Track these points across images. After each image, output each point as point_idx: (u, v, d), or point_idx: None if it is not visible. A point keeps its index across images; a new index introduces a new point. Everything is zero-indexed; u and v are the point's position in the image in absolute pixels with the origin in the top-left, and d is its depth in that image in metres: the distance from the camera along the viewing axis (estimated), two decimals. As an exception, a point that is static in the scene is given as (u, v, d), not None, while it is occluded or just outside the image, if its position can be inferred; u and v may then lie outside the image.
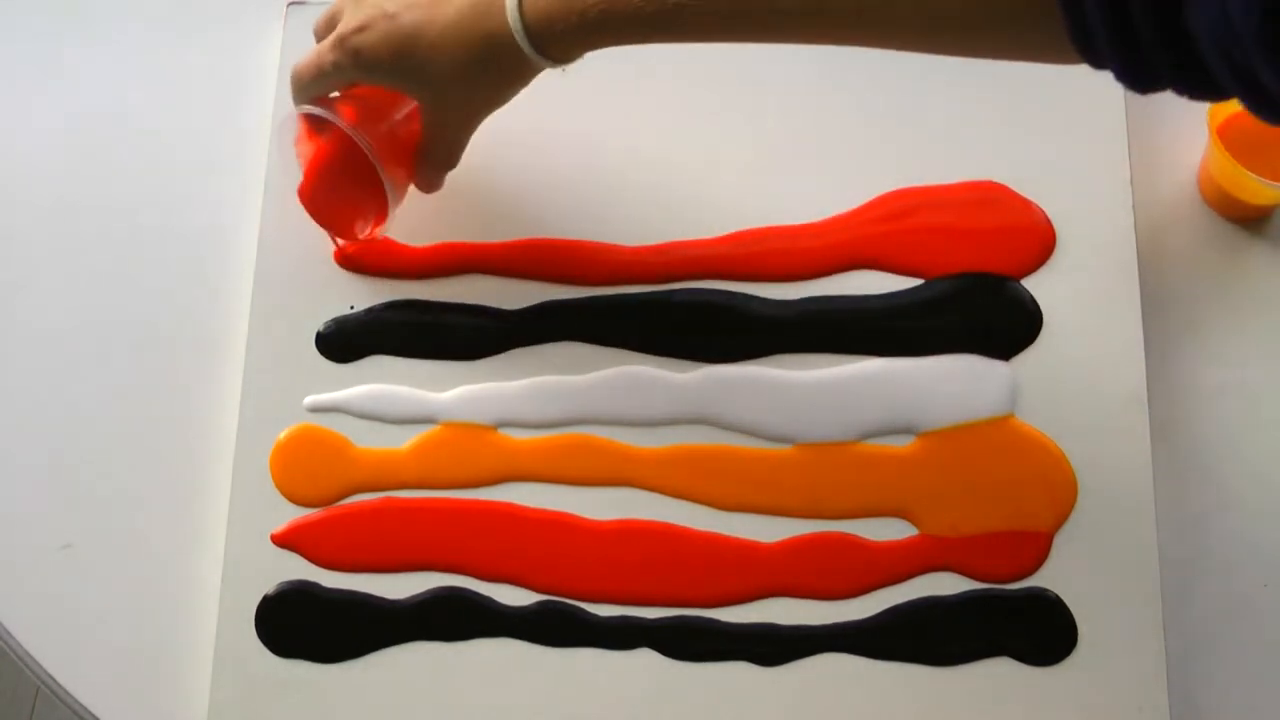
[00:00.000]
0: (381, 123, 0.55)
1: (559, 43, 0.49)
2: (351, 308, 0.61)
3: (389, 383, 0.60)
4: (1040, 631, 0.55)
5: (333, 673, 0.56)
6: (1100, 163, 0.60)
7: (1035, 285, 0.59)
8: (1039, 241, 0.59)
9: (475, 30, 0.50)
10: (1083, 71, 0.62)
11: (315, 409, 0.60)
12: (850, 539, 0.57)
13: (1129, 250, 0.59)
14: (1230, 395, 0.58)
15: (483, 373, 0.60)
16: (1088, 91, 0.61)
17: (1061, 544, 0.56)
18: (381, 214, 0.58)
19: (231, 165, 0.65)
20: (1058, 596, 0.55)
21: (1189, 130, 0.62)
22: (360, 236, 0.60)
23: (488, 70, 0.51)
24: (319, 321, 0.61)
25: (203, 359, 0.62)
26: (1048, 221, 0.60)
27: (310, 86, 0.55)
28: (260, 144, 0.63)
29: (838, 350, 0.59)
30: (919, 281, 0.60)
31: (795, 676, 0.55)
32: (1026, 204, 0.60)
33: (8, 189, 0.66)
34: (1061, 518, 0.56)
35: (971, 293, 0.59)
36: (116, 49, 0.68)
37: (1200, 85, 0.38)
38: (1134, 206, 0.59)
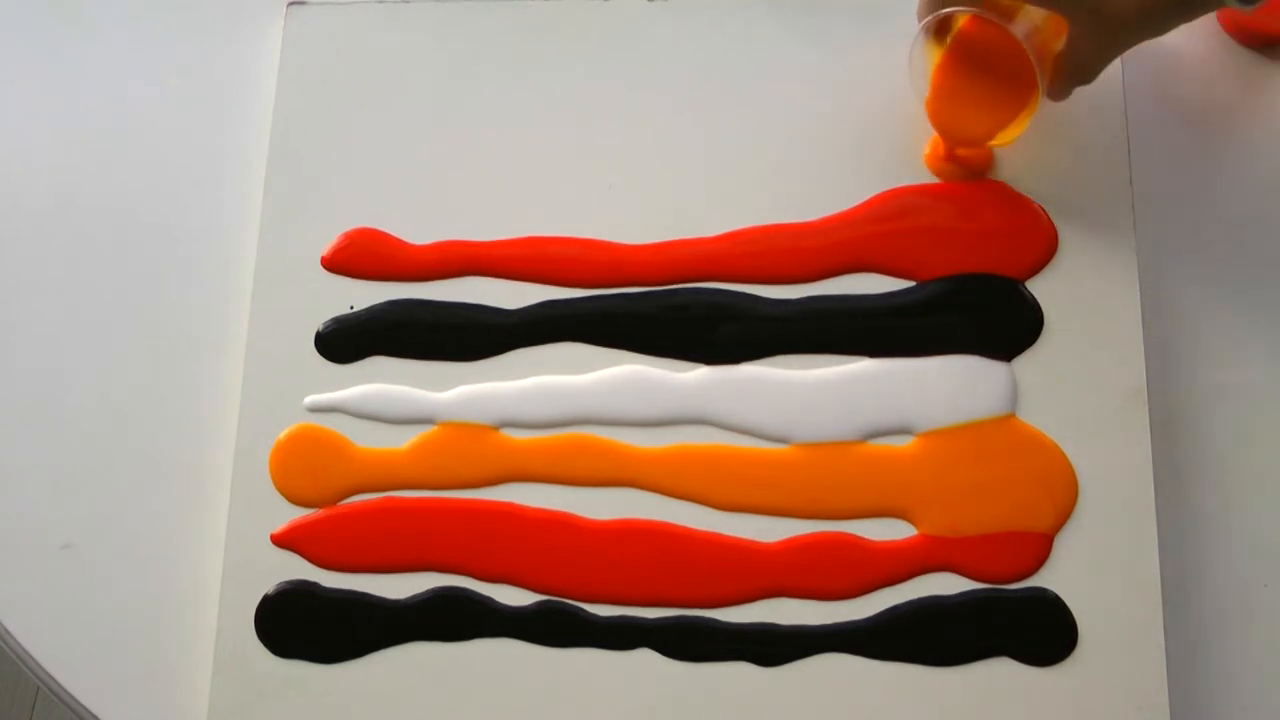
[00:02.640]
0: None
1: None
2: (351, 308, 0.61)
3: (389, 383, 0.60)
4: (1040, 631, 0.55)
5: (333, 673, 0.57)
6: (1100, 163, 0.60)
7: (1035, 285, 0.59)
8: (1039, 241, 0.59)
9: None
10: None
11: (315, 409, 0.60)
12: (850, 539, 0.57)
13: (1129, 250, 0.59)
14: (1230, 395, 0.58)
15: (483, 373, 0.60)
16: (1088, 92, 0.61)
17: (1061, 544, 0.56)
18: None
19: (231, 165, 0.65)
20: (1058, 596, 0.55)
21: (1189, 130, 0.62)
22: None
23: (1174, 5, 0.50)
24: (319, 321, 0.61)
25: (203, 359, 0.62)
26: (1048, 221, 0.60)
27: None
28: (260, 144, 0.63)
29: (838, 350, 0.59)
30: (920, 282, 0.60)
31: (795, 676, 0.55)
32: (1027, 204, 0.60)
33: (8, 188, 0.66)
34: (1062, 518, 0.56)
35: (971, 293, 0.59)
36: (116, 48, 0.68)
37: None
38: (1134, 206, 0.59)
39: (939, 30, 0.56)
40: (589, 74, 0.64)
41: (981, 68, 0.57)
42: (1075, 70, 0.55)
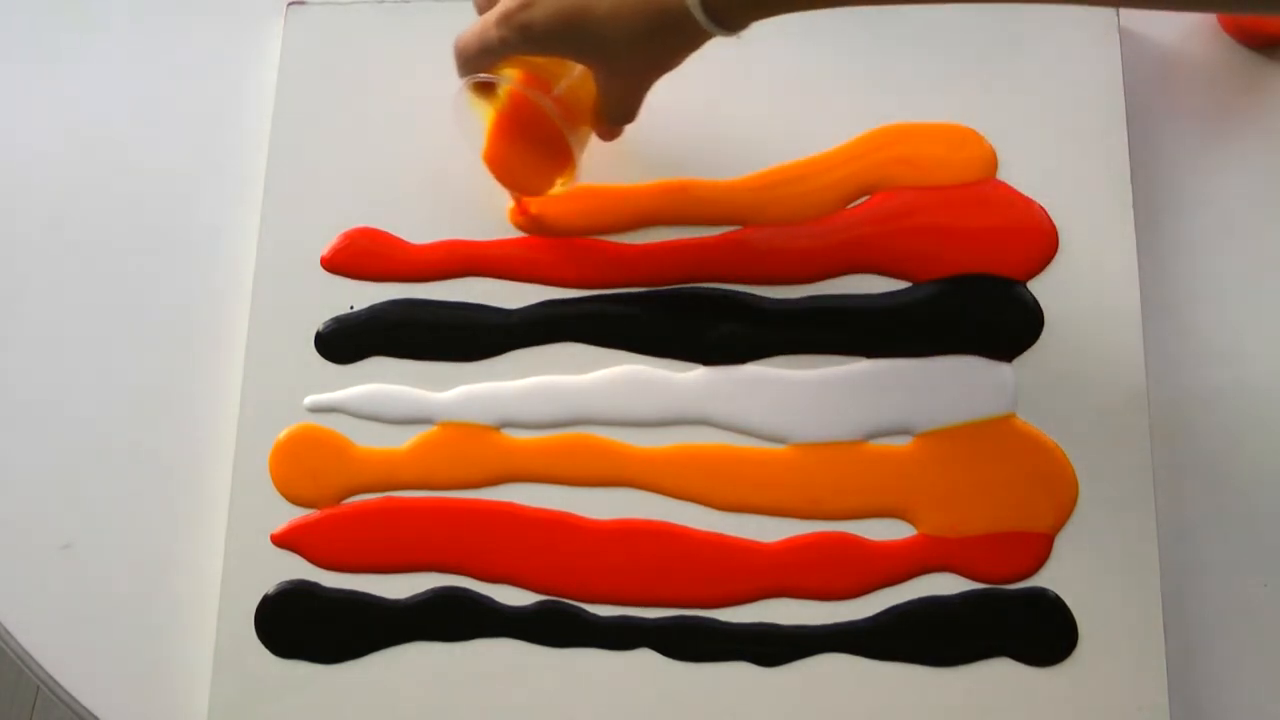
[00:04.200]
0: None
1: (733, 12, 0.49)
2: (351, 308, 0.61)
3: (389, 383, 0.60)
4: (1040, 631, 0.55)
5: (333, 673, 0.57)
6: (1100, 162, 0.60)
7: (1036, 285, 0.59)
8: (1040, 241, 0.59)
9: (649, 2, 0.50)
10: (1084, 70, 0.62)
11: (315, 409, 0.60)
12: (850, 539, 0.57)
13: (1129, 250, 0.59)
14: (1230, 395, 0.58)
15: (483, 373, 0.60)
16: (1088, 92, 0.61)
17: (1061, 544, 0.56)
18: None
19: (231, 165, 0.65)
20: (1058, 596, 0.55)
21: (1190, 130, 0.62)
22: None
23: (662, 39, 0.51)
24: (319, 321, 0.61)
25: (203, 359, 0.62)
26: (1049, 221, 0.60)
27: (475, 61, 0.54)
28: (260, 144, 0.63)
29: (838, 350, 0.59)
30: (920, 282, 0.60)
31: (795, 676, 0.55)
32: (1027, 203, 0.60)
33: (8, 189, 0.66)
34: (1062, 518, 0.56)
35: (972, 293, 0.59)
36: (116, 48, 0.68)
37: None
38: (1134, 206, 0.59)
39: (486, 87, 0.56)
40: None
41: (530, 123, 0.57)
42: (610, 113, 0.55)
